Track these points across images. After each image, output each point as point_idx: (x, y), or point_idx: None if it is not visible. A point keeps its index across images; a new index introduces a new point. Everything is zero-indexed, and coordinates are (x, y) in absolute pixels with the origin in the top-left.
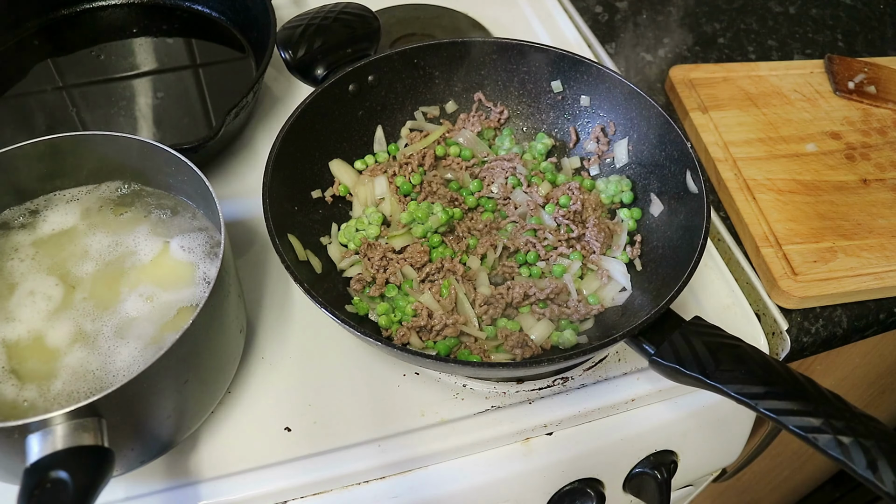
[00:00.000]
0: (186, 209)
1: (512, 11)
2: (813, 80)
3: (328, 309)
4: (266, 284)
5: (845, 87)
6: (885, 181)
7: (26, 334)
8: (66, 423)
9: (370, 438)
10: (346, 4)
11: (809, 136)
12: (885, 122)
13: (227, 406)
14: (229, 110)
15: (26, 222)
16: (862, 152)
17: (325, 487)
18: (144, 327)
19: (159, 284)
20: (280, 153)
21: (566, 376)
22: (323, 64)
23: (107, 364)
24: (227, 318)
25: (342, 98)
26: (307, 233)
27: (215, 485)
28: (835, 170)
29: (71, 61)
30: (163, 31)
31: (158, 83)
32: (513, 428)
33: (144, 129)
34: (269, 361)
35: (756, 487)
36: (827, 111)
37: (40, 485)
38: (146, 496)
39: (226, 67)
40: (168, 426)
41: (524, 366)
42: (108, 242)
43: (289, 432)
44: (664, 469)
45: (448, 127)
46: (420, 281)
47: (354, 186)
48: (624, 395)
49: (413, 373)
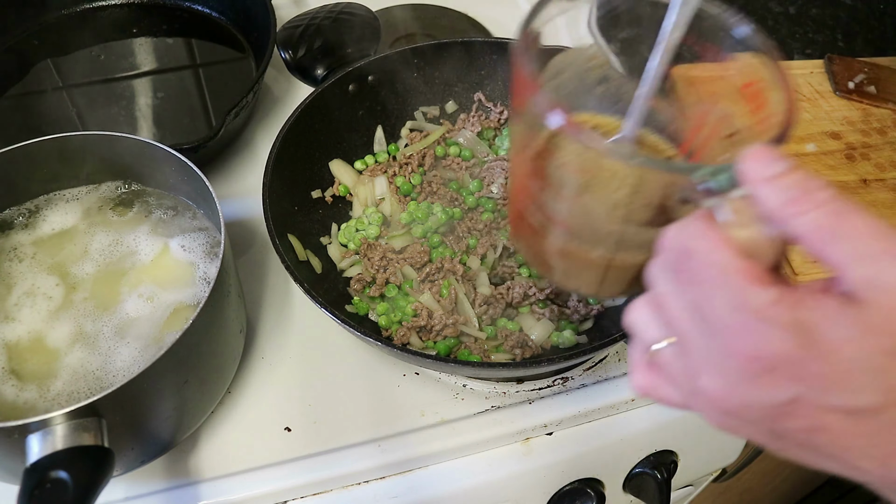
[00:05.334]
0: (186, 209)
1: (512, 11)
2: (813, 80)
3: (328, 309)
4: (266, 284)
5: (845, 87)
6: (885, 181)
7: (26, 335)
8: (66, 423)
9: (370, 438)
10: (346, 4)
11: (809, 136)
12: (885, 122)
13: (227, 406)
14: (229, 110)
15: (26, 222)
16: (862, 152)
17: (325, 487)
18: (144, 327)
19: (159, 284)
20: (280, 153)
21: (566, 376)
22: (323, 64)
23: (107, 364)
24: (227, 318)
25: (342, 98)
26: (307, 233)
27: (215, 485)
28: (835, 170)
29: (71, 61)
30: (163, 31)
31: (158, 83)
32: (513, 428)
33: (144, 129)
34: (269, 361)
35: (756, 487)
36: (827, 111)
37: (40, 485)
38: (146, 496)
39: (226, 67)
40: (168, 426)
41: (524, 366)
42: (108, 242)
43: (289, 432)
44: (664, 469)
45: (448, 127)
46: (420, 281)
47: (354, 186)
48: (624, 395)
49: (413, 373)
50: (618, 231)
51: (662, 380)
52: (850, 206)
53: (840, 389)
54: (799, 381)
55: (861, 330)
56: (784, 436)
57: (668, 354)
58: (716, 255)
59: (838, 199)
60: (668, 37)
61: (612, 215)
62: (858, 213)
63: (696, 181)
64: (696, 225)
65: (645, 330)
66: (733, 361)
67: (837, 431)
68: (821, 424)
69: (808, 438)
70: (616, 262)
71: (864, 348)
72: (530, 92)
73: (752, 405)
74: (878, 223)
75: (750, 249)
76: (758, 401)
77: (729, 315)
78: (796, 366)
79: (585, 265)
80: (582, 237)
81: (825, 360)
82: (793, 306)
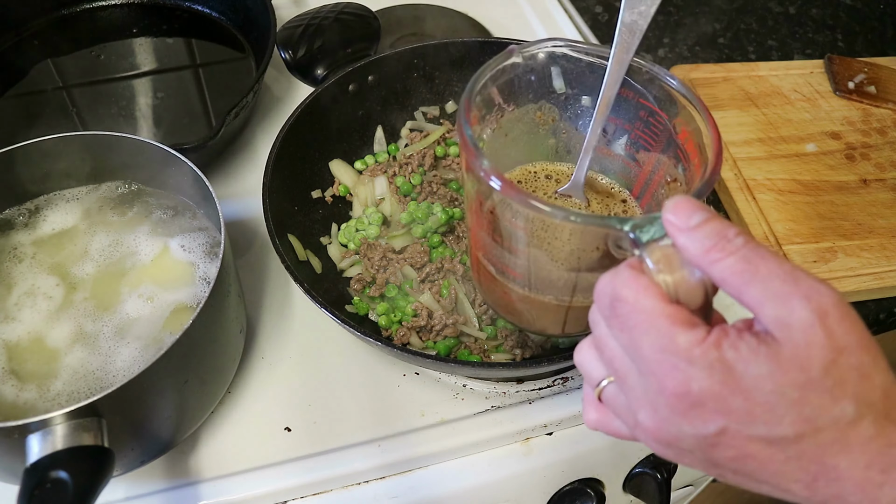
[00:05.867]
0: (186, 209)
1: (512, 11)
2: (813, 80)
3: (328, 309)
4: (266, 284)
5: (845, 87)
6: (885, 181)
7: (26, 335)
8: (66, 423)
9: (370, 438)
10: (346, 4)
11: (809, 136)
12: (885, 122)
13: (227, 406)
14: (229, 110)
15: (26, 222)
16: (862, 152)
17: (325, 487)
18: (144, 327)
19: (159, 284)
20: (280, 153)
21: (566, 376)
22: (323, 64)
23: (107, 364)
24: (226, 317)
25: (342, 98)
26: (307, 233)
27: (215, 485)
28: (835, 170)
29: (71, 61)
30: (163, 31)
31: (158, 83)
32: (513, 428)
33: (144, 129)
34: (269, 361)
35: None
36: (827, 111)
37: (40, 485)
38: (146, 496)
39: (226, 67)
40: (168, 426)
41: (524, 366)
42: (108, 242)
43: (289, 432)
44: (664, 469)
45: (448, 127)
46: (420, 281)
47: (354, 186)
48: None
49: (413, 373)
50: (567, 278)
51: (610, 415)
52: (762, 251)
53: (761, 421)
54: (724, 414)
55: (775, 366)
56: (718, 464)
57: (611, 392)
58: (643, 302)
59: (750, 245)
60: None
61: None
62: (769, 257)
63: (626, 232)
64: (625, 273)
65: (590, 370)
66: (664, 398)
67: (763, 459)
68: (748, 453)
69: (740, 466)
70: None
71: (780, 383)
72: (473, 157)
73: (683, 437)
74: (787, 266)
75: (678, 293)
76: (689, 433)
77: (657, 356)
78: (720, 401)
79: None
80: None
81: (745, 394)
82: (714, 346)
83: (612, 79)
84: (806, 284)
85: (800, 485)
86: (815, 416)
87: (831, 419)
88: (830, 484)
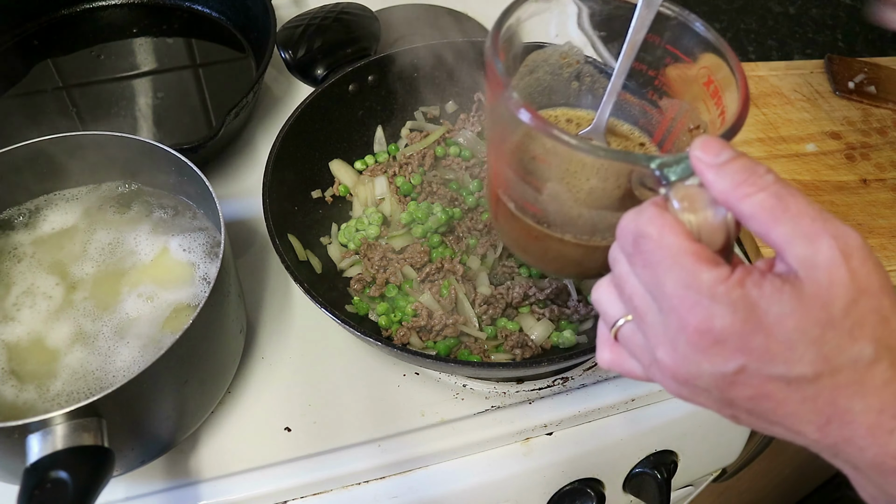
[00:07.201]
0: (187, 209)
1: None
2: (813, 80)
3: (328, 309)
4: (266, 284)
5: (845, 87)
6: (885, 181)
7: (26, 335)
8: (66, 423)
9: (370, 438)
10: (346, 4)
11: (809, 136)
12: (885, 122)
13: (227, 406)
14: (229, 110)
15: (26, 222)
16: (862, 152)
17: (325, 487)
18: (144, 327)
19: (159, 284)
20: (280, 153)
21: (566, 376)
22: (323, 64)
23: (107, 364)
24: (226, 317)
25: (342, 98)
26: (307, 233)
27: (215, 485)
28: (835, 170)
29: (71, 61)
30: (163, 31)
31: (158, 83)
32: (513, 428)
33: (144, 129)
34: (269, 361)
35: (756, 487)
36: (827, 111)
37: (40, 485)
38: (146, 496)
39: (226, 67)
40: (168, 426)
41: (524, 366)
42: (108, 242)
43: (289, 432)
44: (664, 469)
45: (448, 127)
46: (420, 281)
47: (354, 186)
48: (624, 395)
49: (413, 373)
50: (588, 216)
51: (625, 354)
52: (792, 189)
53: (780, 360)
54: (744, 352)
55: (798, 304)
56: (733, 403)
57: (628, 330)
58: (668, 238)
59: (780, 183)
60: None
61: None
62: (799, 195)
63: (653, 170)
64: (650, 210)
65: (608, 308)
66: (684, 335)
67: (779, 399)
68: (764, 392)
69: (755, 406)
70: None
71: (801, 321)
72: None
73: (702, 375)
74: (816, 205)
75: (700, 233)
76: (707, 371)
77: (680, 293)
78: (741, 339)
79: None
80: (555, 222)
81: (766, 333)
82: (738, 284)
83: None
84: (832, 225)
85: (812, 426)
86: (834, 355)
87: (849, 359)
88: (843, 427)
